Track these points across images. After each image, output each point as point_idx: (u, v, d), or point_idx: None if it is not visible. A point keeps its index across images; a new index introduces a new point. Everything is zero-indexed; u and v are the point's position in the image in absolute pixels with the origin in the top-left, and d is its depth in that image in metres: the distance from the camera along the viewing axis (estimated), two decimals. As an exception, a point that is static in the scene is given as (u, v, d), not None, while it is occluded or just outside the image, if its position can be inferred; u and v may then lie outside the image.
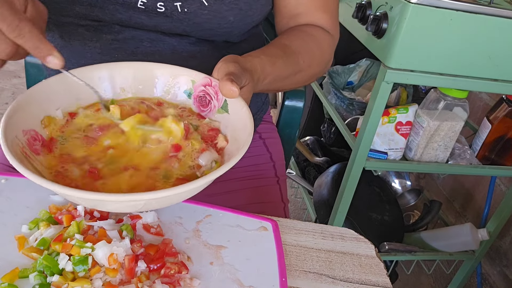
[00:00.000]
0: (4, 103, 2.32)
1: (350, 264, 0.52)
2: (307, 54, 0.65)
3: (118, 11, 0.60)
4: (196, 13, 0.61)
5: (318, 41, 0.68)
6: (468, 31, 0.99)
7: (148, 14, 0.61)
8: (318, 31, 0.70)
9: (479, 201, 1.56)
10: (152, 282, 0.43)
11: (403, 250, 1.39)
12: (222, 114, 0.54)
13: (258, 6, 0.64)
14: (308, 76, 0.68)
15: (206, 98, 0.55)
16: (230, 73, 0.48)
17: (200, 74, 0.55)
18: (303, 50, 0.65)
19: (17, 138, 0.45)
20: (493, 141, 1.27)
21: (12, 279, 0.42)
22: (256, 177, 0.77)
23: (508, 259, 1.46)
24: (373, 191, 1.48)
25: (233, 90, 0.46)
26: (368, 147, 1.15)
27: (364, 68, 1.54)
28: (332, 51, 0.73)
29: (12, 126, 0.44)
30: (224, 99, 0.53)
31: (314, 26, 0.70)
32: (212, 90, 0.54)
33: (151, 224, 0.51)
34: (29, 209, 0.51)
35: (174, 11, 0.61)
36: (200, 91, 0.55)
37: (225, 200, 0.71)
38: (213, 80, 0.53)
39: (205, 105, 0.55)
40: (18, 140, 0.45)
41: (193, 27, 0.63)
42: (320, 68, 0.70)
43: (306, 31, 0.69)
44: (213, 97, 0.54)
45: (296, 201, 1.91)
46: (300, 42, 0.66)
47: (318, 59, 0.68)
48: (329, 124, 1.71)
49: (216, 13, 0.61)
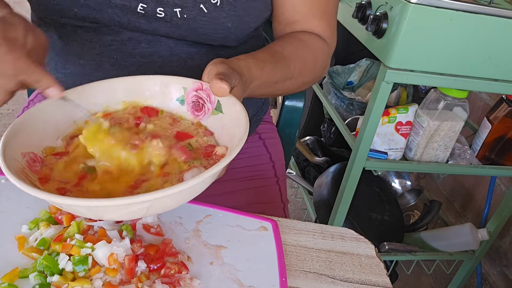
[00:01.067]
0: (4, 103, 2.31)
1: (350, 264, 0.52)
2: (298, 61, 0.65)
3: (116, 14, 0.60)
4: (195, 19, 0.61)
5: (311, 48, 0.68)
6: (468, 31, 0.99)
7: (148, 19, 0.61)
8: (313, 39, 0.69)
9: (479, 201, 1.56)
10: (152, 282, 0.43)
11: (403, 250, 1.39)
12: (217, 115, 0.54)
13: (256, 13, 0.64)
14: (299, 84, 0.68)
15: (199, 103, 0.55)
16: (220, 73, 0.49)
17: (190, 80, 0.55)
18: (294, 57, 0.64)
19: (16, 160, 0.45)
20: (493, 141, 1.27)
21: (12, 279, 0.42)
22: (256, 177, 0.77)
23: (508, 259, 1.46)
24: (373, 191, 1.48)
25: (223, 87, 0.47)
26: (368, 147, 1.15)
27: (364, 68, 1.54)
28: (328, 59, 0.72)
29: (11, 149, 0.45)
30: (217, 100, 0.53)
31: (309, 34, 0.70)
32: (204, 94, 0.54)
33: (151, 224, 0.51)
34: (29, 209, 0.51)
35: (174, 17, 0.61)
36: (192, 96, 0.55)
37: (225, 200, 0.71)
38: (204, 84, 0.53)
39: (199, 109, 0.55)
40: (18, 162, 0.45)
41: (190, 32, 0.63)
42: (312, 76, 0.69)
43: (300, 38, 0.68)
44: (206, 100, 0.54)
45: (296, 201, 1.91)
46: (292, 49, 0.65)
47: (310, 67, 0.68)
48: (329, 124, 1.71)
49: (214, 19, 0.61)
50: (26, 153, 0.48)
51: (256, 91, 0.59)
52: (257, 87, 0.58)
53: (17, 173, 0.42)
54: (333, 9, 0.72)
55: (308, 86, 0.72)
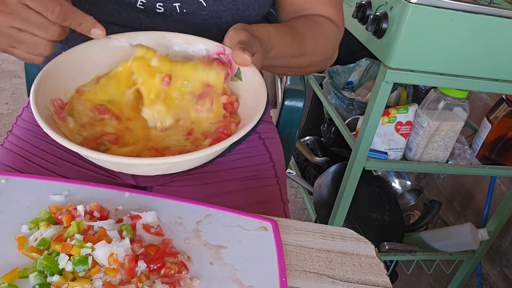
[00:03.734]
0: (4, 103, 2.32)
1: (350, 264, 0.52)
2: (312, 39, 0.66)
3: (116, 10, 0.60)
4: (195, 14, 0.61)
5: (323, 28, 0.69)
6: (468, 31, 0.99)
7: (147, 14, 0.61)
8: (325, 20, 0.70)
9: (479, 201, 1.56)
10: (152, 282, 0.43)
11: (403, 250, 1.39)
12: (236, 82, 0.55)
13: (255, 7, 0.65)
14: (311, 61, 0.69)
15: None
16: (242, 42, 0.50)
17: (213, 42, 0.56)
18: (309, 34, 0.65)
19: (46, 107, 0.47)
20: (493, 141, 1.27)
21: (12, 279, 0.42)
22: (256, 177, 0.76)
23: (508, 259, 1.46)
24: (373, 191, 1.48)
25: (245, 58, 0.48)
26: (368, 147, 1.15)
27: (364, 68, 1.54)
28: (337, 42, 0.73)
29: (42, 95, 0.47)
30: (237, 67, 0.54)
31: (321, 16, 0.71)
32: (225, 58, 0.55)
33: (151, 224, 0.51)
34: (29, 209, 0.51)
35: (173, 12, 0.61)
36: (214, 59, 0.56)
37: (225, 200, 0.71)
38: (226, 49, 0.54)
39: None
40: (48, 108, 0.47)
41: (190, 27, 0.63)
42: (323, 56, 0.70)
43: (313, 18, 0.69)
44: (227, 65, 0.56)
45: (296, 201, 1.91)
46: (306, 27, 0.66)
47: (322, 46, 0.69)
48: (329, 124, 1.71)
49: (214, 13, 0.61)
50: (55, 99, 0.50)
51: (272, 61, 0.59)
52: (274, 56, 0.59)
53: (48, 122, 0.44)
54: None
55: (318, 66, 0.73)
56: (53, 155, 0.70)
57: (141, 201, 0.54)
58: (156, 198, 0.55)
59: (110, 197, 0.54)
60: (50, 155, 0.70)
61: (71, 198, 0.53)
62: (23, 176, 0.56)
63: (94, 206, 0.50)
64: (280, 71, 0.74)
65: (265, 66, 0.60)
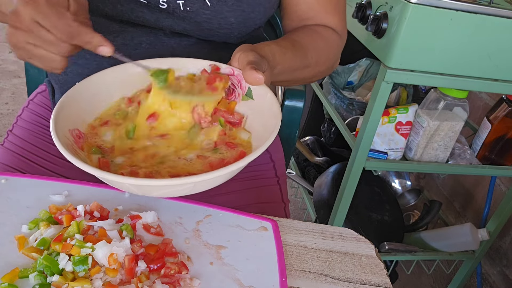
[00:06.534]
0: (4, 103, 2.32)
1: (350, 264, 0.52)
2: (314, 51, 0.67)
3: (119, 2, 0.61)
4: (198, 12, 0.61)
5: (326, 39, 0.70)
6: (468, 31, 0.99)
7: (150, 9, 0.61)
8: (328, 31, 0.71)
9: (479, 201, 1.56)
10: (152, 282, 0.43)
11: (403, 250, 1.39)
12: (247, 101, 0.56)
13: (261, 9, 0.65)
14: (315, 72, 0.70)
15: (230, 88, 0.57)
16: (251, 62, 0.50)
17: (222, 65, 0.57)
18: (311, 46, 0.66)
19: (65, 137, 0.49)
20: (493, 141, 1.27)
21: (12, 279, 0.42)
22: (256, 177, 0.76)
23: (508, 259, 1.46)
24: (373, 191, 1.48)
25: (259, 77, 0.49)
26: (368, 147, 1.15)
27: (364, 68, 1.54)
28: (339, 52, 0.74)
29: (61, 127, 0.49)
30: (248, 86, 0.55)
31: (324, 26, 0.72)
32: (235, 79, 0.56)
33: (151, 224, 0.51)
34: (29, 209, 0.51)
35: (176, 9, 0.61)
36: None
37: (225, 200, 0.71)
38: (235, 70, 0.55)
39: (230, 94, 0.58)
40: (67, 138, 0.49)
41: (193, 26, 0.63)
42: (326, 66, 0.71)
43: (315, 29, 0.70)
44: (237, 85, 0.57)
45: (296, 201, 1.91)
46: (309, 39, 0.67)
47: (324, 57, 0.70)
48: (329, 124, 1.71)
49: (217, 13, 0.62)
50: (73, 129, 0.52)
51: (277, 77, 0.60)
52: (279, 73, 0.59)
53: (69, 150, 0.46)
54: (343, 5, 0.74)
55: (321, 76, 0.74)
56: (53, 155, 0.70)
57: (141, 201, 0.54)
58: (156, 198, 0.55)
59: (110, 197, 0.54)
60: (50, 155, 0.70)
61: (71, 198, 0.53)
62: (23, 176, 0.56)
63: (94, 206, 0.50)
64: (285, 84, 0.75)
65: (271, 82, 0.61)
